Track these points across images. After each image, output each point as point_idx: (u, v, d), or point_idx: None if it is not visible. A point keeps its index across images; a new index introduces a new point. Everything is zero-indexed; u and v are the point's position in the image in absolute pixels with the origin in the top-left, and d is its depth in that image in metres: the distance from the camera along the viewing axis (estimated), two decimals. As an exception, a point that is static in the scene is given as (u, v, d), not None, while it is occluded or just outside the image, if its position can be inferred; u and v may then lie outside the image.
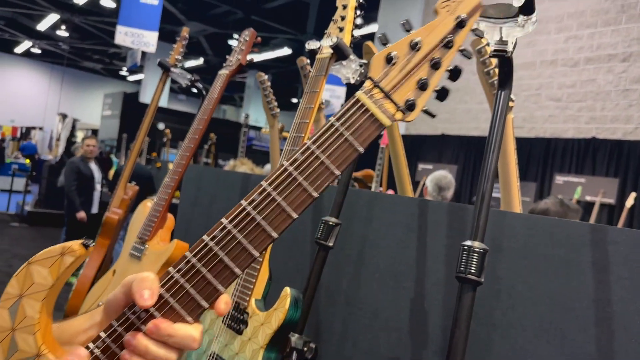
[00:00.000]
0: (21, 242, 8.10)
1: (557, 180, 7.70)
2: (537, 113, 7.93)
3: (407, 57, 0.70)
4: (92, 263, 2.07)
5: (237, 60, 1.74)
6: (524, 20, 0.96)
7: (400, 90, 0.69)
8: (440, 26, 0.71)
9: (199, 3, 14.25)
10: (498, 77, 1.10)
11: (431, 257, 1.41)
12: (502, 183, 1.53)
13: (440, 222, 1.41)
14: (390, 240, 1.52)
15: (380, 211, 1.56)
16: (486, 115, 8.30)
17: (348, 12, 1.33)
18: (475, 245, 1.02)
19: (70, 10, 15.41)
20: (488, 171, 1.06)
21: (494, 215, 1.27)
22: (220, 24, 15.20)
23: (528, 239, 1.21)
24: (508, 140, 1.51)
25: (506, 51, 1.01)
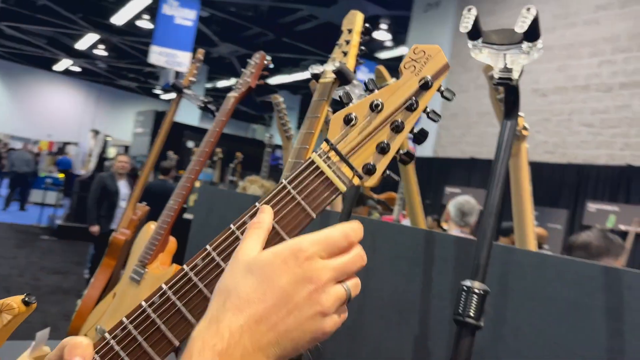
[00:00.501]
0: (49, 255, 8.24)
1: (589, 208, 7.46)
2: (569, 139, 7.74)
3: (367, 119, 0.66)
4: (97, 284, 2.06)
5: (246, 82, 1.71)
6: (528, 47, 0.90)
7: (358, 153, 0.65)
8: (403, 87, 0.67)
9: (232, 25, 14.53)
10: (504, 107, 1.03)
11: (437, 293, 1.34)
12: (516, 217, 1.45)
13: (447, 256, 1.33)
14: (394, 273, 1.45)
15: (384, 241, 1.49)
16: (516, 140, 8.14)
17: (353, 36, 1.29)
18: (475, 285, 0.95)
19: (109, 31, 15.90)
20: (491, 206, 1.00)
21: (501, 252, 1.19)
22: (252, 46, 15.45)
23: (536, 279, 1.13)
24: (522, 172, 1.43)
25: (511, 79, 0.95)
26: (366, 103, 0.68)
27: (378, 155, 0.66)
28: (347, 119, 0.67)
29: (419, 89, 0.67)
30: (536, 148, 8.05)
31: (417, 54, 0.69)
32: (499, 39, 0.92)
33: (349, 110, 0.69)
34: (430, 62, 0.68)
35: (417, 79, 0.67)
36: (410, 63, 0.69)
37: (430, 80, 0.67)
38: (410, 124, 0.68)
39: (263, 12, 13.62)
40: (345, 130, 0.67)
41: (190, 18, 11.90)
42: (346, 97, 0.72)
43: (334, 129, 0.68)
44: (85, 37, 16.90)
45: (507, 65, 0.95)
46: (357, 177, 0.66)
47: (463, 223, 3.70)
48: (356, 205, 3.74)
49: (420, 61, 0.68)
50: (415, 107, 0.67)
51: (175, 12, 11.79)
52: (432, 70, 0.68)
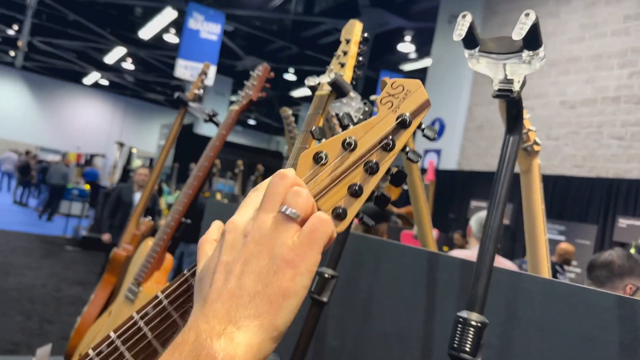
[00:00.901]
0: (73, 266, 8.33)
1: (620, 224, 7.20)
2: (599, 152, 7.51)
3: (339, 158, 0.60)
4: (97, 301, 2.01)
5: (247, 95, 1.66)
6: (529, 56, 0.82)
7: (328, 196, 0.59)
8: (379, 125, 0.60)
9: (256, 39, 14.65)
10: (506, 121, 0.95)
11: (440, 321, 1.25)
12: (528, 240, 1.35)
13: (451, 280, 1.25)
14: (396, 297, 1.36)
15: (387, 262, 1.41)
16: (543, 153, 7.93)
17: (351, 46, 1.22)
18: (472, 318, 0.86)
19: (136, 45, 16.21)
20: (491, 230, 0.91)
21: (509, 277, 1.10)
22: (275, 59, 15.55)
23: (546, 308, 1.03)
24: (534, 190, 1.34)
25: (511, 91, 0.87)
26: (338, 140, 0.62)
27: (349, 199, 0.59)
28: (317, 158, 0.60)
29: (396, 127, 0.60)
30: (564, 162, 7.84)
31: (395, 88, 0.62)
32: (498, 47, 0.85)
33: (320, 148, 0.62)
34: (409, 98, 0.61)
35: (394, 116, 0.61)
36: (387, 98, 0.62)
37: (408, 118, 0.60)
38: (386, 165, 0.61)
39: (287, 26, 13.70)
40: (314, 169, 0.60)
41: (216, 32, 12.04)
42: (317, 133, 0.65)
43: (302, 169, 0.61)
44: (114, 51, 17.26)
45: (507, 76, 0.87)
46: None
47: (485, 239, 3.57)
48: (378, 221, 3.68)
49: (399, 97, 0.61)
50: (391, 146, 0.60)
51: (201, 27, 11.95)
52: (411, 107, 0.60)
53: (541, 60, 0.82)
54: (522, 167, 1.33)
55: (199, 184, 1.60)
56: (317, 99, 1.23)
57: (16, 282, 6.52)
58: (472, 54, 0.87)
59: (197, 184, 1.61)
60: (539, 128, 8.35)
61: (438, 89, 9.79)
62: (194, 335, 0.43)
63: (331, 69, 1.23)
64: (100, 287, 2.06)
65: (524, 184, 1.35)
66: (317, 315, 1.24)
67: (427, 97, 0.61)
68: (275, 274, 0.46)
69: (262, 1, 12.13)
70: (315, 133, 0.66)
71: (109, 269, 2.13)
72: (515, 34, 0.78)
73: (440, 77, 9.84)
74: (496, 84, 0.88)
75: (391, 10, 10.97)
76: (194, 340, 0.43)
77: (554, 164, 7.95)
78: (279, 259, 0.47)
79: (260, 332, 0.44)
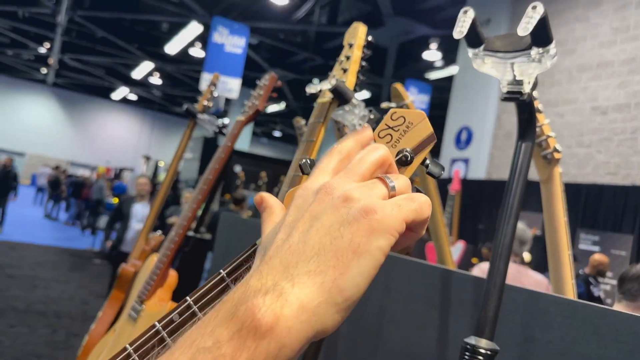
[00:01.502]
0: (100, 279, 8.41)
1: (657, 233, 6.93)
2: (633, 159, 7.25)
3: None
4: (105, 318, 1.97)
5: (253, 105, 1.60)
6: (538, 53, 0.73)
7: None
8: None
9: (281, 51, 14.72)
10: (518, 126, 0.87)
11: (454, 343, 1.16)
12: (551, 255, 1.25)
13: (465, 299, 1.16)
14: (408, 316, 1.28)
15: (398, 279, 1.33)
16: (575, 160, 7.71)
17: (354, 50, 1.15)
18: (481, 344, 0.77)
19: (163, 60, 16.48)
20: (502, 246, 0.83)
21: (526, 297, 1.01)
22: (300, 70, 15.60)
23: (567, 331, 0.94)
24: (556, 201, 1.24)
25: (521, 93, 0.79)
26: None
27: None
28: None
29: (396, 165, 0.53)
30: (597, 169, 7.59)
31: (395, 120, 0.54)
32: (504, 45, 0.77)
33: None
34: (411, 132, 0.52)
35: (394, 151, 0.53)
36: (386, 131, 0.54)
37: (409, 155, 0.51)
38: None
39: (310, 38, 13.73)
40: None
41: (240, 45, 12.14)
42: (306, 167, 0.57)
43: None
44: (141, 66, 17.58)
45: (516, 76, 0.79)
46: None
47: (520, 252, 3.44)
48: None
49: (399, 129, 0.53)
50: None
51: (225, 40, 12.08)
52: (413, 141, 0.52)
53: (552, 58, 0.74)
54: (542, 176, 1.24)
55: (204, 197, 1.55)
56: (318, 107, 1.16)
57: (43, 295, 6.60)
58: (477, 53, 0.79)
59: (202, 197, 1.56)
60: (570, 135, 8.12)
61: (465, 97, 9.64)
62: (240, 293, 0.36)
63: (333, 75, 1.17)
64: (108, 304, 2.02)
65: (545, 195, 1.25)
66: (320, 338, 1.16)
67: (432, 131, 0.53)
68: (350, 224, 0.38)
69: (285, 13, 12.19)
70: (305, 168, 0.57)
71: (117, 285, 2.09)
72: (521, 29, 0.69)
73: (467, 84, 9.68)
74: (504, 85, 0.80)
75: (416, 18, 10.89)
76: (238, 296, 0.36)
77: (587, 172, 7.70)
78: (358, 210, 0.39)
79: (320, 293, 0.36)
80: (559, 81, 8.01)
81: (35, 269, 8.12)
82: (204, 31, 12.69)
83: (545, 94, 8.13)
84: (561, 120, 8.01)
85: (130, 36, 15.36)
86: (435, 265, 1.26)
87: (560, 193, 1.25)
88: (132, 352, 0.50)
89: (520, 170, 0.84)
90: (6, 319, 5.30)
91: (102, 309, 2.05)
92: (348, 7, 11.62)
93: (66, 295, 6.90)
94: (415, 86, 11.83)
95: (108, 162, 23.07)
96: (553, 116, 8.03)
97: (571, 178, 7.70)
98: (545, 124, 1.19)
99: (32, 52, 18.50)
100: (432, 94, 12.06)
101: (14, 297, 6.21)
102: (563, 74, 7.98)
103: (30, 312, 5.73)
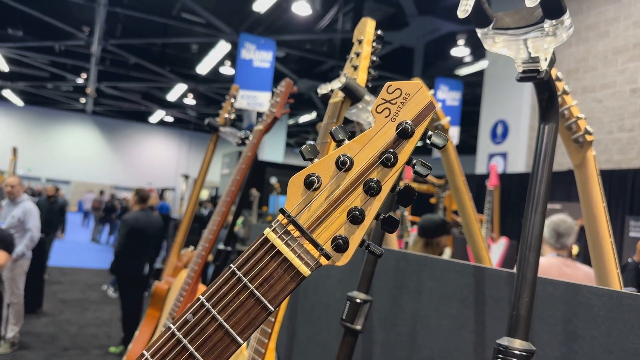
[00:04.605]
0: (148, 299, 8.56)
1: None
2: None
3: (334, 180, 0.51)
4: (142, 337, 1.97)
5: (271, 113, 1.58)
6: (552, 25, 0.68)
7: (325, 225, 0.51)
8: (376, 137, 0.51)
9: (308, 61, 14.78)
10: (539, 107, 0.81)
11: (490, 345, 1.09)
12: (591, 245, 1.17)
13: (500, 297, 1.09)
14: (442, 318, 1.22)
15: (430, 281, 1.27)
16: (618, 146, 7.41)
17: (363, 46, 1.11)
18: (514, 345, 0.72)
19: (195, 80, 16.80)
20: (530, 237, 0.77)
21: (565, 291, 0.94)
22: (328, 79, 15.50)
23: (612, 325, 0.86)
24: (591, 186, 1.16)
25: (538, 71, 0.73)
26: (331, 159, 0.52)
27: (350, 226, 0.51)
28: (309, 182, 0.51)
29: (396, 138, 0.50)
30: (641, 154, 7.27)
31: (391, 93, 0.52)
32: (514, 21, 0.71)
33: (310, 169, 0.52)
34: (409, 103, 0.50)
35: (393, 125, 0.50)
36: (383, 105, 0.51)
37: (410, 126, 0.49)
38: (389, 184, 0.51)
39: (336, 45, 13.74)
40: (307, 195, 0.51)
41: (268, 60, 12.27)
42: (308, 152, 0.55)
43: (292, 196, 0.52)
44: (175, 89, 17.96)
45: (530, 54, 0.73)
46: (324, 256, 0.50)
47: (559, 245, 3.30)
48: (438, 234, 3.45)
49: (397, 102, 0.51)
50: (393, 161, 0.50)
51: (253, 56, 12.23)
52: (412, 112, 0.50)
53: (568, 29, 0.68)
54: (575, 161, 1.17)
55: (227, 210, 1.53)
56: (331, 107, 1.13)
57: (94, 318, 6.75)
58: (486, 32, 0.74)
59: (226, 210, 1.54)
60: (610, 120, 7.81)
61: (498, 90, 9.42)
62: None
63: (344, 73, 1.13)
64: (144, 323, 2.03)
65: (580, 180, 1.17)
66: (351, 344, 1.11)
67: (430, 99, 0.50)
68: None
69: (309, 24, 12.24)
70: (306, 153, 0.55)
71: (152, 303, 2.09)
72: (529, 1, 0.64)
73: (499, 77, 9.47)
74: (519, 64, 0.75)
75: (440, 15, 10.74)
76: None
77: (631, 156, 7.39)
78: None
79: None
80: (593, 66, 7.73)
81: (86, 292, 8.33)
82: (232, 49, 12.88)
83: (581, 80, 7.86)
84: (600, 105, 7.71)
85: (162, 60, 15.73)
86: (466, 263, 1.20)
87: (596, 177, 1.17)
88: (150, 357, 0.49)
89: (545, 155, 0.78)
90: (60, 342, 5.44)
91: (138, 328, 2.06)
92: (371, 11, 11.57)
93: (116, 316, 7.03)
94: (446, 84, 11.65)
95: (150, 183, 23.64)
96: (591, 102, 7.75)
97: (615, 164, 7.40)
98: (574, 105, 1.12)
99: (70, 83, 19.18)
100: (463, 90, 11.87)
101: (67, 320, 6.38)
102: (598, 58, 7.70)
103: (83, 335, 5.86)
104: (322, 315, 1.58)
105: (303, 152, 0.54)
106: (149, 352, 0.49)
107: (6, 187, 5.03)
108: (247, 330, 0.49)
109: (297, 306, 1.68)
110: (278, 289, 0.49)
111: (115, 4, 11.43)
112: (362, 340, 1.36)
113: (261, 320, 0.49)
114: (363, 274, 1.14)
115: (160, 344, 0.49)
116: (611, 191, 7.39)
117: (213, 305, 0.49)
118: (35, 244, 5.09)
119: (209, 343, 0.48)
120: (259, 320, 0.49)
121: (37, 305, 6.62)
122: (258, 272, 0.50)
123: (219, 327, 0.48)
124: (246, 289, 0.49)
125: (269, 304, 0.49)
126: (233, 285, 0.49)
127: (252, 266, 0.50)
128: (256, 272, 0.50)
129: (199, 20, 12.26)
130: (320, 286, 1.61)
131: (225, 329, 0.48)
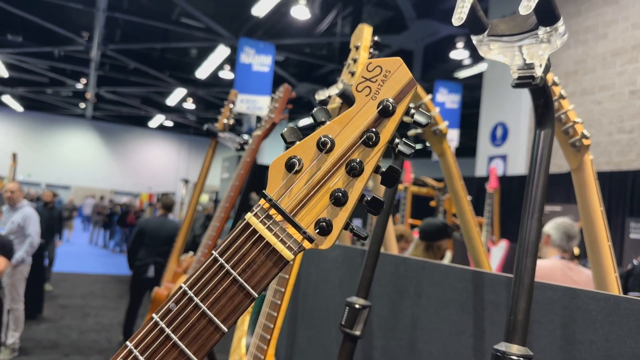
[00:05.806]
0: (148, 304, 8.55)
1: None
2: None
3: (315, 162, 0.50)
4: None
5: (270, 119, 1.59)
6: (546, 32, 0.68)
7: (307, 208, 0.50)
8: (357, 116, 0.51)
9: (307, 65, 14.81)
10: (534, 113, 0.81)
11: (490, 347, 1.09)
12: (590, 248, 1.18)
13: (499, 301, 1.09)
14: (442, 323, 1.22)
15: (429, 286, 1.27)
16: (618, 148, 7.41)
17: (361, 52, 1.12)
18: (512, 351, 0.72)
19: (195, 85, 16.82)
20: (527, 243, 0.77)
21: (563, 295, 0.94)
22: (328, 83, 15.61)
23: (610, 329, 0.87)
24: (589, 190, 1.17)
25: (534, 77, 0.74)
26: (312, 141, 0.52)
27: (333, 208, 0.50)
28: (290, 164, 0.51)
29: (377, 117, 0.50)
30: (640, 157, 7.28)
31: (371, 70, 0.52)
32: (509, 28, 0.72)
33: (291, 152, 0.52)
34: (390, 80, 0.50)
35: (374, 104, 0.50)
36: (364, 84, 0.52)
37: (391, 104, 0.49)
38: (372, 164, 0.50)
39: (335, 49, 13.76)
40: (288, 178, 0.51)
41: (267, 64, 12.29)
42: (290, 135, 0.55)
43: (274, 180, 0.52)
44: (174, 93, 17.98)
45: (525, 60, 0.74)
46: (307, 239, 0.50)
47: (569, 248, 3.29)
48: (439, 237, 3.44)
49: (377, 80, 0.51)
50: (375, 140, 0.50)
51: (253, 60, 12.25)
52: (393, 90, 0.50)
53: (562, 36, 0.68)
54: (572, 165, 1.17)
55: (227, 216, 1.54)
56: (329, 114, 1.13)
57: (95, 323, 6.74)
58: (481, 39, 0.75)
59: (224, 216, 1.54)
60: (610, 122, 7.81)
61: (497, 93, 9.44)
62: None
63: (341, 80, 1.14)
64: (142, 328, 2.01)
65: (577, 184, 1.18)
66: (350, 350, 1.12)
67: (411, 76, 0.50)
68: None
69: (308, 28, 12.27)
70: (287, 136, 0.55)
71: (151, 308, 2.09)
72: (522, 7, 0.65)
73: (498, 79, 9.49)
74: (515, 71, 0.75)
75: (439, 19, 10.77)
76: None
77: (630, 158, 7.39)
78: None
79: None
80: (592, 68, 7.75)
81: (86, 298, 8.32)
82: (231, 53, 12.90)
83: (580, 82, 7.88)
84: (599, 107, 7.73)
85: (162, 65, 15.75)
86: (465, 268, 1.20)
87: (593, 181, 1.17)
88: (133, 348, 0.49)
89: (541, 161, 0.79)
90: (61, 348, 5.44)
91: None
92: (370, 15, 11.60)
93: (116, 321, 7.03)
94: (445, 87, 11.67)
95: (150, 188, 23.65)
96: (590, 104, 7.76)
97: (615, 166, 7.40)
98: (570, 109, 1.12)
99: (70, 88, 19.21)
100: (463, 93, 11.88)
101: (68, 326, 6.38)
102: (596, 60, 7.72)
103: (83, 341, 5.86)
104: (322, 319, 1.58)
105: (284, 135, 0.53)
106: (132, 342, 0.49)
107: (6, 193, 5.04)
108: (231, 317, 0.49)
109: (297, 310, 1.68)
110: (261, 274, 0.49)
111: (115, 9, 11.45)
112: (361, 345, 1.36)
113: (245, 307, 0.49)
114: (362, 279, 1.14)
115: (143, 334, 0.49)
116: (611, 193, 7.39)
117: (196, 293, 0.49)
118: (35, 249, 5.09)
119: (193, 332, 0.48)
120: (243, 307, 0.49)
121: (38, 311, 6.62)
122: (240, 257, 0.49)
123: (202, 315, 0.48)
124: (229, 275, 0.49)
125: (252, 290, 0.49)
126: (215, 272, 0.49)
127: (234, 252, 0.49)
128: (238, 258, 0.49)
129: (198, 25, 12.28)
130: (320, 290, 1.61)
131: (209, 317, 0.48)
